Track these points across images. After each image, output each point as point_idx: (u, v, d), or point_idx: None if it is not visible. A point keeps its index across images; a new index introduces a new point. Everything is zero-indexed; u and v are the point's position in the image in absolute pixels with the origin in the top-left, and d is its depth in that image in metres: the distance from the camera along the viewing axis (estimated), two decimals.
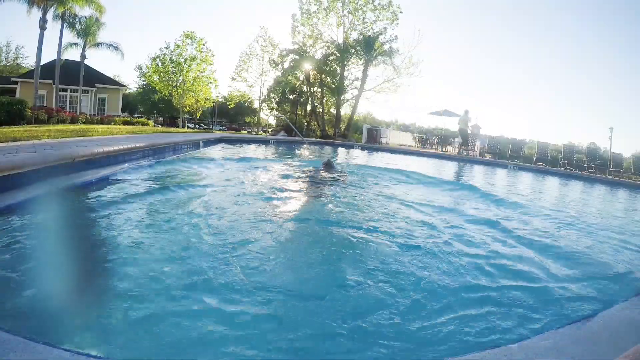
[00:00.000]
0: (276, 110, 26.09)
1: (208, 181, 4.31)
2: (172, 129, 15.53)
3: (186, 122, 30.12)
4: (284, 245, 2.44)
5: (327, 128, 21.37)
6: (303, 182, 4.89)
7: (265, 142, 12.49)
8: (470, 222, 3.28)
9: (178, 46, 23.25)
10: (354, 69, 21.01)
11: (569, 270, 2.26)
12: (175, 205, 3.02)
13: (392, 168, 7.12)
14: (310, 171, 5.52)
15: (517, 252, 2.52)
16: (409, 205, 3.87)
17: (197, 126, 32.75)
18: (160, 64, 23.57)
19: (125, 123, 17.15)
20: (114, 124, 14.34)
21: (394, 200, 4.12)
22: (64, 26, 19.29)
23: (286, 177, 5.18)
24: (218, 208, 3.07)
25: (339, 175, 5.31)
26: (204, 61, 23.71)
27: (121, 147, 4.45)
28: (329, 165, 5.62)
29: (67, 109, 18.85)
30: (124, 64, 58.59)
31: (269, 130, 27.11)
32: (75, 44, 20.86)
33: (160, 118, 36.90)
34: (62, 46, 19.86)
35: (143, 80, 34.09)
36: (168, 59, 23.38)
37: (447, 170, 9.33)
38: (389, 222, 3.21)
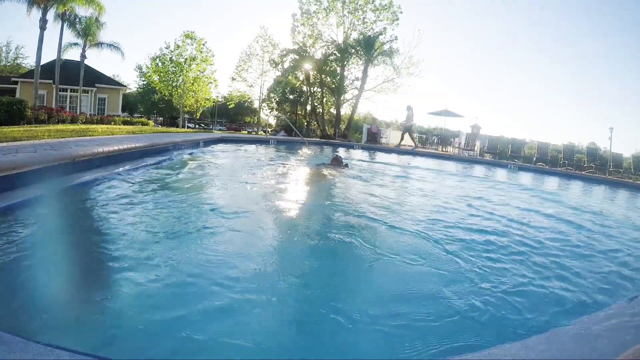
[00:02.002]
0: (276, 110, 26.08)
1: (212, 180, 4.34)
2: (172, 129, 15.52)
3: (186, 122, 30.10)
4: (298, 237, 2.53)
5: (327, 128, 21.36)
6: (315, 176, 5.38)
7: (265, 142, 12.49)
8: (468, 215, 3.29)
9: (178, 46, 23.23)
10: (354, 69, 21.01)
11: (568, 270, 2.26)
12: (180, 205, 3.02)
13: (395, 163, 7.55)
14: (320, 166, 6.04)
15: (515, 249, 2.52)
16: (413, 196, 4.04)
17: (197, 126, 32.73)
18: (160, 64, 23.55)
19: (125, 123, 17.13)
20: (114, 124, 14.32)
21: (399, 192, 4.47)
22: (64, 26, 19.28)
23: (299, 172, 5.73)
24: (226, 205, 3.09)
25: (346, 170, 5.88)
26: (204, 61, 23.69)
27: (121, 147, 4.45)
28: (337, 161, 6.17)
29: (67, 109, 18.84)
30: (124, 64, 58.60)
31: (269, 130, 27.10)
32: (76, 44, 20.86)
33: (160, 118, 36.86)
34: (62, 46, 19.85)
35: (143, 80, 34.06)
36: (168, 59, 23.36)
37: (448, 167, 9.36)
38: (399, 210, 3.52)
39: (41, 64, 17.74)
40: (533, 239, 2.91)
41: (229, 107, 29.59)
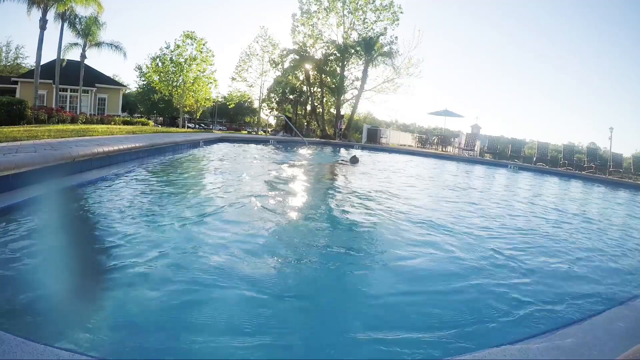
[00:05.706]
0: (276, 110, 26.08)
1: (214, 178, 4.34)
2: (172, 129, 15.52)
3: (186, 122, 30.10)
4: (316, 230, 2.69)
5: (327, 128, 21.36)
6: (336, 174, 5.96)
7: (265, 141, 12.49)
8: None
9: (178, 46, 23.22)
10: (354, 69, 20.98)
11: (568, 270, 2.26)
12: (183, 203, 3.01)
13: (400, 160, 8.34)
14: (339, 165, 6.71)
15: (517, 250, 2.52)
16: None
17: (197, 126, 32.71)
18: (160, 64, 23.54)
19: (125, 123, 17.10)
20: (114, 124, 14.30)
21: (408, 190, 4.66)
22: (64, 26, 19.26)
23: (321, 170, 6.29)
24: (237, 203, 3.11)
25: (359, 165, 6.62)
26: (204, 61, 23.68)
27: (121, 147, 4.45)
28: (354, 160, 6.90)
29: (67, 109, 18.83)
30: (124, 64, 58.62)
31: (269, 130, 27.11)
32: (76, 43, 20.80)
33: (160, 118, 36.82)
34: (63, 46, 19.82)
35: (143, 80, 34.02)
36: (168, 58, 23.34)
37: (445, 167, 9.37)
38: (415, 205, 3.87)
39: (41, 64, 17.70)
40: (535, 238, 2.91)
41: (229, 107, 29.59)
